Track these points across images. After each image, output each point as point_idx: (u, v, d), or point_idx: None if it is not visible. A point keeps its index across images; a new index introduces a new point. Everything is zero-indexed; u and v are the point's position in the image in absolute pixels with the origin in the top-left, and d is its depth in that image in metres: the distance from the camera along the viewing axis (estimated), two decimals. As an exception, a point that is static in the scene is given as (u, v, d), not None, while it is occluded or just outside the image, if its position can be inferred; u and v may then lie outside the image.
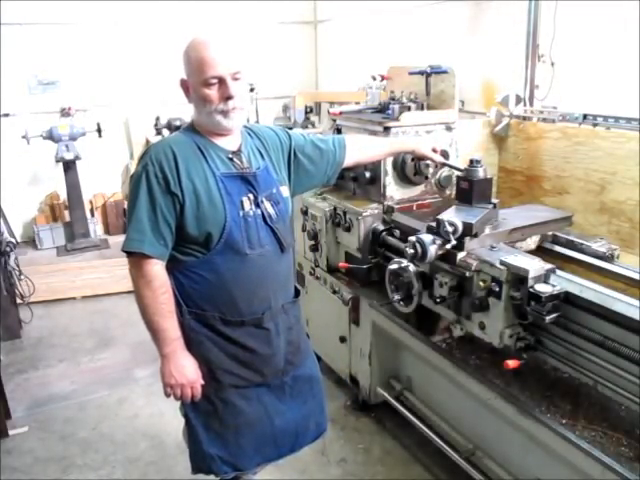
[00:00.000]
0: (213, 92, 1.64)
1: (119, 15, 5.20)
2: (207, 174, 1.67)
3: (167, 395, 1.75)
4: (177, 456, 2.60)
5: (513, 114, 3.00)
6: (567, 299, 1.76)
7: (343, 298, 2.75)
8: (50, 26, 5.07)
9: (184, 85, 1.72)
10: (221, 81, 1.63)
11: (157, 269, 1.65)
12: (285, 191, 1.85)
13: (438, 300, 2.05)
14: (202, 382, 1.74)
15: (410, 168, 2.57)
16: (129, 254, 1.66)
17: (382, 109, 2.83)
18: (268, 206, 1.75)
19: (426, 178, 2.63)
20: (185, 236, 1.67)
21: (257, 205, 1.73)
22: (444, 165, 2.50)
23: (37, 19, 4.98)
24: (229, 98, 1.64)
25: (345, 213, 2.65)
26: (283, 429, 1.90)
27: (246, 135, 1.82)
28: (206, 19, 5.33)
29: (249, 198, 1.72)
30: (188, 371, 1.71)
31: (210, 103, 1.65)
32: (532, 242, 2.23)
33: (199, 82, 1.64)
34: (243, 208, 1.70)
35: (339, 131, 2.89)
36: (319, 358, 2.60)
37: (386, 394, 2.70)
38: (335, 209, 2.72)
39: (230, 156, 1.73)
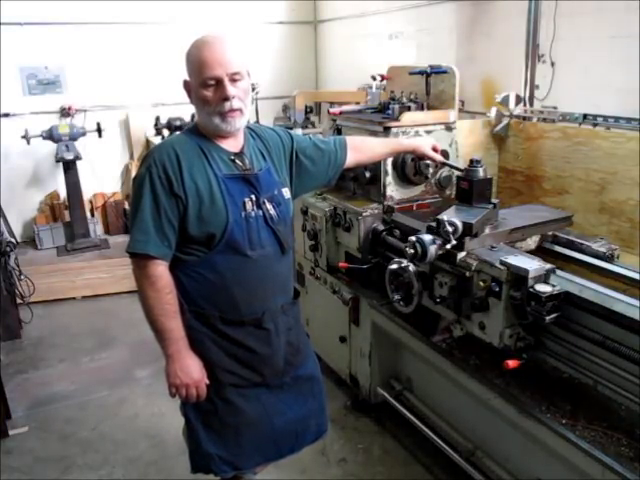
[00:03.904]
0: (210, 93, 1.64)
1: (119, 15, 5.19)
2: (209, 175, 1.67)
3: (172, 395, 1.75)
4: (177, 456, 2.59)
5: (513, 114, 3.00)
6: (567, 299, 1.76)
7: (343, 298, 2.75)
8: (50, 26, 5.06)
9: (187, 87, 1.72)
10: (218, 82, 1.63)
11: (161, 270, 1.66)
12: (287, 193, 1.85)
13: (438, 300, 2.05)
14: (207, 382, 1.75)
15: (410, 168, 2.57)
16: (133, 255, 1.66)
17: (382, 109, 2.82)
18: (270, 207, 1.76)
19: (426, 178, 2.63)
20: (187, 236, 1.67)
21: (259, 206, 1.73)
22: (444, 165, 2.50)
23: (37, 19, 4.97)
24: (225, 99, 1.64)
25: (345, 213, 2.65)
26: (283, 429, 1.90)
27: (249, 136, 1.83)
28: (206, 19, 5.33)
29: (251, 199, 1.72)
30: (193, 371, 1.71)
31: (207, 104, 1.65)
32: (532, 242, 2.23)
33: (198, 83, 1.65)
34: (245, 209, 1.71)
35: (339, 131, 2.89)
36: (319, 358, 2.60)
37: (386, 394, 2.70)
38: (335, 209, 2.72)
39: (232, 157, 1.74)
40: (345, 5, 5.37)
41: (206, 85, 1.64)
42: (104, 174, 5.57)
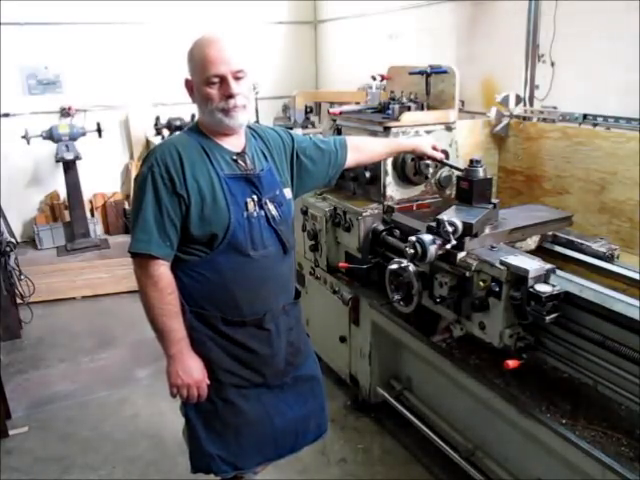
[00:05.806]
0: (214, 91, 1.65)
1: (119, 15, 5.19)
2: (212, 175, 1.68)
3: (173, 396, 1.75)
4: (177, 456, 2.60)
5: (513, 114, 3.00)
6: (567, 299, 1.76)
7: (343, 298, 2.75)
8: (50, 26, 5.06)
9: (188, 85, 1.73)
10: (222, 80, 1.64)
11: (163, 270, 1.66)
12: (288, 193, 1.86)
13: (438, 300, 2.05)
14: (208, 382, 1.75)
15: (410, 168, 2.57)
16: (135, 255, 1.66)
17: (382, 109, 2.82)
18: (272, 208, 1.76)
19: (426, 178, 2.63)
20: (189, 236, 1.67)
21: (261, 206, 1.74)
22: (444, 164, 2.50)
23: (37, 19, 4.97)
24: (230, 97, 1.65)
25: (345, 213, 2.65)
26: (283, 429, 1.91)
27: (250, 136, 1.83)
28: (206, 19, 5.33)
29: (253, 199, 1.72)
30: (195, 371, 1.71)
31: (211, 101, 1.65)
32: (532, 242, 2.23)
33: (201, 81, 1.65)
34: (247, 209, 1.71)
35: (339, 131, 2.89)
36: (319, 358, 2.60)
37: (386, 394, 2.70)
38: (335, 209, 2.72)
39: (234, 157, 1.74)
40: (345, 5, 5.37)
41: (210, 83, 1.64)
42: (104, 174, 5.57)
